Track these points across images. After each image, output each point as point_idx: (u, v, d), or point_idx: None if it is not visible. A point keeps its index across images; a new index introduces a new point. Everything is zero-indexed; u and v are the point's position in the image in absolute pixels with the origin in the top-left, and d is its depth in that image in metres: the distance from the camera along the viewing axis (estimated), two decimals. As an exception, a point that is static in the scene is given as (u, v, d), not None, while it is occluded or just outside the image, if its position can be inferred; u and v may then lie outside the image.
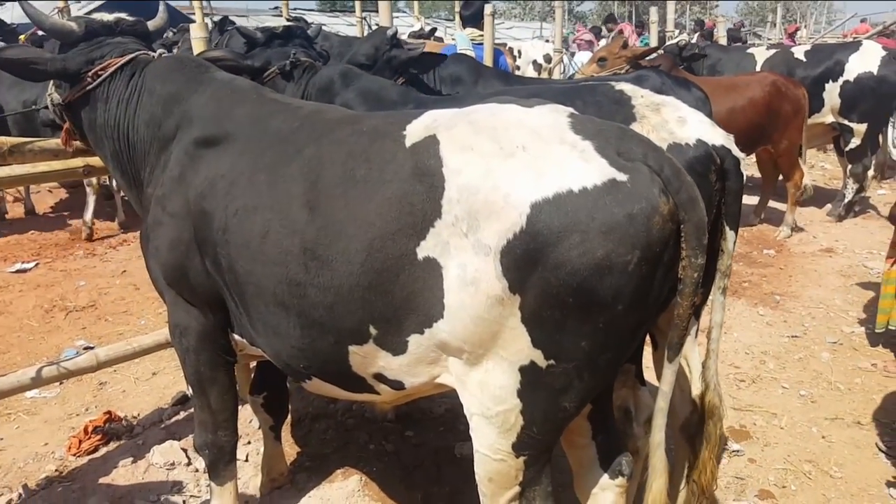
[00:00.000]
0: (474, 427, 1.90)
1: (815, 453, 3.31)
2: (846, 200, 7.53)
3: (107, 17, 2.71)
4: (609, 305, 1.63)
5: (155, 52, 2.65)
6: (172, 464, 3.22)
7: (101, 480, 3.12)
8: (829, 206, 7.87)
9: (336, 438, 3.46)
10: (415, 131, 1.88)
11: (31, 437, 3.53)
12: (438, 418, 3.60)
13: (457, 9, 13.88)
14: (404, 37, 11.32)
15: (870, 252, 6.51)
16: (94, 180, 6.44)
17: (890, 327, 4.33)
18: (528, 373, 1.73)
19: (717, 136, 2.24)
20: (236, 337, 2.41)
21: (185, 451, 3.33)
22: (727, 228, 2.14)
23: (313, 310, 1.96)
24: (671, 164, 1.70)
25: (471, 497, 2.99)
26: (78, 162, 2.98)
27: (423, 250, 1.75)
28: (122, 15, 2.79)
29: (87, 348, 4.65)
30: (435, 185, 1.73)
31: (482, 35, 5.71)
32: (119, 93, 2.53)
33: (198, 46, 3.29)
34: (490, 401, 1.81)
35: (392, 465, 3.25)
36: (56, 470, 3.21)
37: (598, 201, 1.59)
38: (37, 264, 6.24)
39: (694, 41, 9.01)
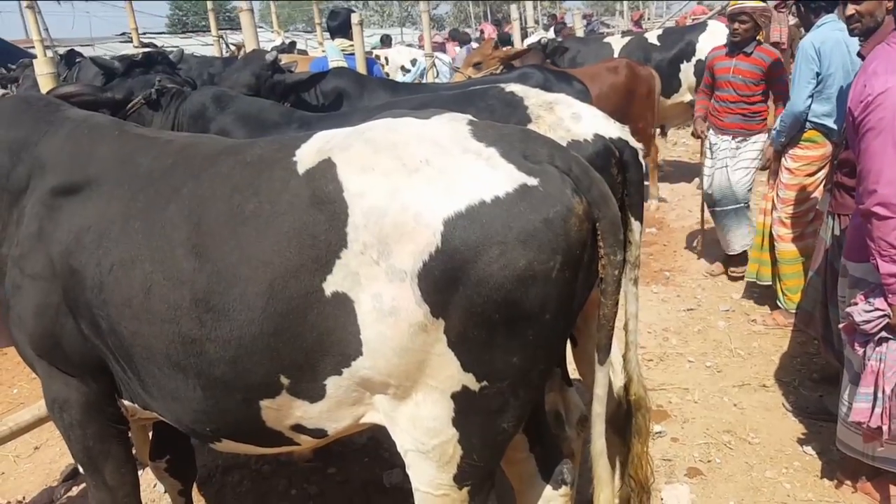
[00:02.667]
0: (410, 464, 1.77)
1: (730, 422, 3.43)
2: (711, 172, 8.01)
3: None
4: (536, 316, 1.56)
5: None
6: (70, 550, 2.88)
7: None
8: (696, 180, 8.32)
9: (253, 490, 3.21)
10: (306, 156, 1.72)
11: None
12: (361, 449, 3.43)
13: (317, 20, 13.64)
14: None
15: (740, 220, 6.93)
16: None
17: (759, 281, 4.65)
18: (462, 399, 1.63)
19: (613, 129, 2.22)
20: (126, 402, 2.14)
21: (83, 532, 2.99)
22: (632, 220, 2.13)
23: (214, 367, 1.76)
24: (578, 163, 1.65)
25: (407, 527, 2.88)
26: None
27: (331, 285, 1.61)
28: None
29: (-49, 430, 4.11)
30: (337, 212, 1.59)
31: (352, 45, 5.58)
32: None
33: (46, 83, 2.93)
34: (424, 435, 1.69)
35: (318, 508, 3.06)
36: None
37: (512, 209, 1.51)
38: None
39: (552, 36, 9.27)
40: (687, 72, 7.72)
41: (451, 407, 1.64)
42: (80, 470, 2.29)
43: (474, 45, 12.12)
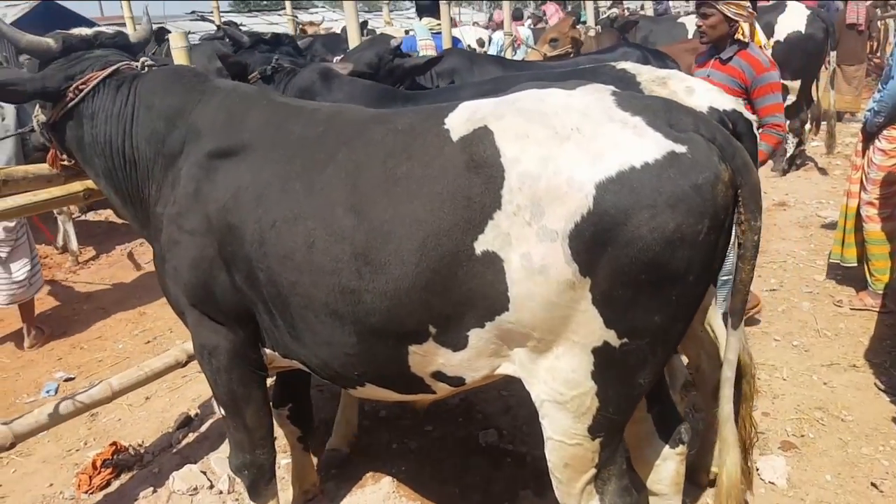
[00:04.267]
0: (546, 414, 1.88)
1: (821, 400, 3.45)
2: (788, 155, 7.85)
3: (85, 31, 2.57)
4: (681, 277, 1.64)
5: (138, 62, 2.52)
6: (195, 489, 3.12)
7: (124, 515, 3.00)
8: (771, 162, 8.18)
9: (356, 442, 3.39)
10: (457, 125, 1.83)
11: (32, 480, 3.34)
12: (455, 409, 3.59)
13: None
14: (338, 31, 11.12)
15: (819, 202, 6.83)
16: (66, 207, 6.08)
17: (843, 263, 4.60)
18: (602, 354, 1.72)
19: (727, 101, 2.27)
20: (267, 351, 2.32)
21: (204, 473, 3.23)
22: None
23: (370, 315, 1.91)
24: (721, 132, 1.71)
25: (504, 484, 3.03)
26: (77, 186, 2.81)
27: (482, 244, 1.71)
28: (102, 28, 2.67)
29: (67, 380, 4.45)
30: (493, 175, 1.69)
31: (439, 24, 5.66)
32: (107, 108, 2.40)
33: (180, 57, 3.14)
34: (563, 386, 1.79)
35: (419, 462, 3.23)
36: (71, 511, 3.07)
37: (661, 175, 1.58)
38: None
39: (616, 14, 9.14)
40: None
41: (591, 361, 1.74)
42: (222, 412, 2.47)
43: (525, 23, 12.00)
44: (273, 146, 2.13)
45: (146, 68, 2.50)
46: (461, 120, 1.84)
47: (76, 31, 2.54)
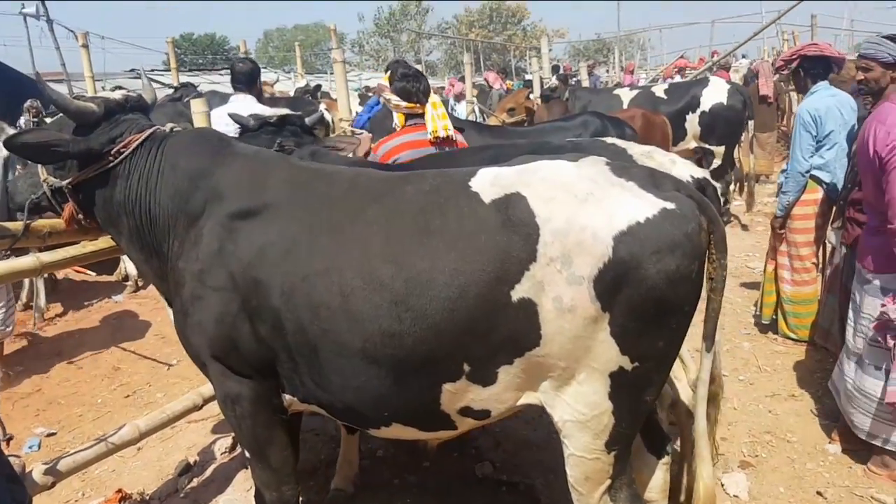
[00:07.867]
0: (568, 434, 2.19)
1: (769, 425, 3.94)
2: (716, 212, 8.65)
3: (114, 95, 2.70)
4: (680, 308, 2.04)
5: (165, 126, 2.67)
6: (212, 529, 3.25)
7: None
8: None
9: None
10: (485, 188, 2.14)
11: (39, 532, 3.38)
12: (447, 445, 3.82)
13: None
14: (291, 93, 11.37)
15: (747, 255, 7.54)
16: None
17: (774, 317, 5.20)
18: (617, 377, 2.08)
19: (699, 171, 2.75)
20: (286, 396, 2.47)
21: (217, 514, 3.36)
22: None
23: (409, 358, 2.11)
24: (694, 192, 2.14)
25: (507, 510, 3.30)
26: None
27: (518, 292, 2.00)
28: (126, 92, 2.79)
29: (49, 434, 4.46)
30: (530, 233, 2.01)
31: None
32: (139, 168, 2.54)
33: (200, 121, 3.40)
34: (585, 407, 2.12)
35: (423, 495, 3.46)
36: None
37: (661, 227, 1.97)
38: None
39: (556, 83, 9.90)
40: (692, 122, 8.48)
41: (608, 384, 2.08)
42: (247, 454, 2.60)
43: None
44: (297, 205, 2.32)
45: (172, 132, 2.67)
46: (486, 185, 2.16)
47: (105, 94, 2.69)
